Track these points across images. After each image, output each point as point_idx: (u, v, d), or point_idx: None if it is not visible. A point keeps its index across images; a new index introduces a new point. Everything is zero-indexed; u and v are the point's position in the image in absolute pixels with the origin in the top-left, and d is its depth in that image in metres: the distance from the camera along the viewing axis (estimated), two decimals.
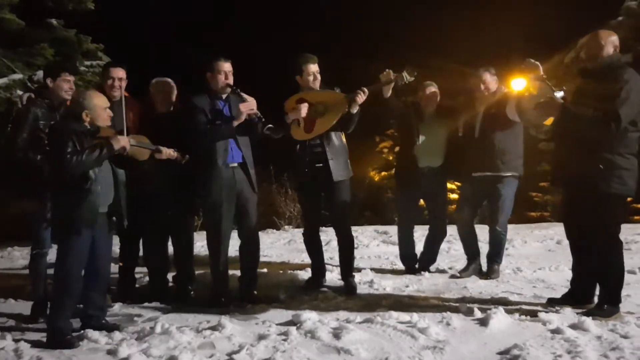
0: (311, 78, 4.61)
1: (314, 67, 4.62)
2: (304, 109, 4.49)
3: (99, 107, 3.64)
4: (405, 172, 5.40)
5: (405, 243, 5.49)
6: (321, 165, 4.61)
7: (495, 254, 5.12)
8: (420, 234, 5.74)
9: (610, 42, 3.76)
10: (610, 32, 3.86)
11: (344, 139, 4.77)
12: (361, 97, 4.44)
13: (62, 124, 3.73)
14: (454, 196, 5.95)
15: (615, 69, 3.67)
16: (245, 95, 4.25)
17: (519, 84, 4.34)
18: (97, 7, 11.17)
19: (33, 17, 10.60)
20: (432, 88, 5.32)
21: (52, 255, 3.82)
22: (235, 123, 4.22)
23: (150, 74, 4.74)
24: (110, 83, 4.38)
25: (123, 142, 3.61)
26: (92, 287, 3.74)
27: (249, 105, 4.23)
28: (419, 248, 5.57)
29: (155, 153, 3.98)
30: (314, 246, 4.97)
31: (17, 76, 10.01)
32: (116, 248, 4.48)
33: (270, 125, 4.32)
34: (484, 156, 4.97)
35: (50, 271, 3.80)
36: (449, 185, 5.70)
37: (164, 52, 20.70)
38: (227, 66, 4.33)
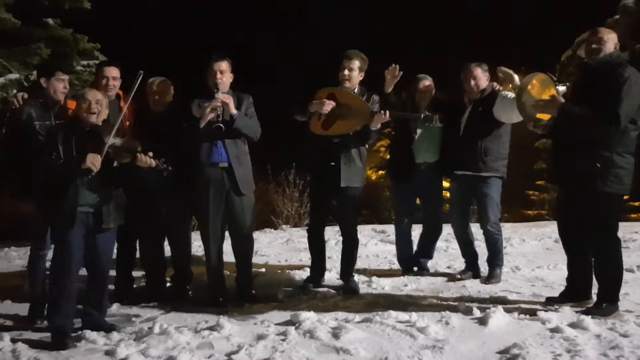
0: (343, 73, 4.61)
1: (347, 63, 4.61)
2: (328, 106, 4.51)
3: (100, 103, 3.66)
4: (401, 168, 5.26)
5: (403, 244, 5.36)
6: (333, 164, 4.57)
7: (494, 256, 4.96)
8: (417, 232, 5.70)
9: (611, 39, 3.75)
10: (610, 29, 3.85)
11: (363, 147, 4.72)
12: (380, 118, 4.44)
13: (57, 127, 3.72)
14: (449, 194, 5.84)
15: (615, 66, 3.65)
16: (219, 95, 4.17)
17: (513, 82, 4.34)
18: (93, 6, 11.13)
19: (29, 16, 10.56)
20: (427, 81, 5.18)
21: (50, 256, 3.80)
22: (202, 122, 4.17)
23: (148, 73, 4.71)
24: (104, 82, 4.33)
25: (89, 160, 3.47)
26: (91, 288, 3.73)
27: (212, 104, 4.15)
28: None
29: (134, 158, 3.69)
30: (316, 244, 4.93)
31: (13, 76, 9.98)
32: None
33: (220, 125, 4.18)
34: (466, 155, 4.86)
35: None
36: (444, 184, 5.57)
37: (161, 52, 20.68)
38: (217, 66, 4.30)
